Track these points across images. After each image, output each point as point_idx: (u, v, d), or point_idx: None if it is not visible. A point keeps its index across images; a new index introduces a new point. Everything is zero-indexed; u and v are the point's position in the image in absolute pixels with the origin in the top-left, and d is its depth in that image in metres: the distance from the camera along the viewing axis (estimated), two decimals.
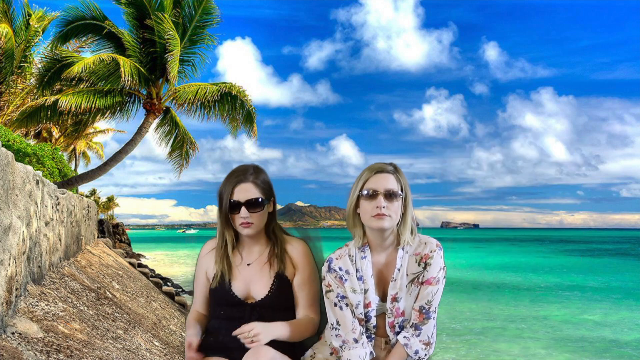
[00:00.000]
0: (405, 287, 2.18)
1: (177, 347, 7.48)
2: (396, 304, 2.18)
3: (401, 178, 2.17)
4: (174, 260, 51.50)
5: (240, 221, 2.33)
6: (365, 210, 2.13)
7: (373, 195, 2.12)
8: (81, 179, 15.47)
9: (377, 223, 2.11)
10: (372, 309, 2.20)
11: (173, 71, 13.96)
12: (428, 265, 2.16)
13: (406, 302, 2.17)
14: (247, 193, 2.33)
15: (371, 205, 2.11)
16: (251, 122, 15.53)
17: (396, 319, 2.19)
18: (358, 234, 2.22)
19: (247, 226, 2.33)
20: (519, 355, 15.57)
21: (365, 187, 2.15)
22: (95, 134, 33.96)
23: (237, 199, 2.33)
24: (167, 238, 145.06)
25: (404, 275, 2.18)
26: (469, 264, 51.41)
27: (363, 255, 2.21)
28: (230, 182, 2.36)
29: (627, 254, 70.77)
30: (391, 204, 2.11)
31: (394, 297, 2.18)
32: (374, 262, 2.21)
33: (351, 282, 2.20)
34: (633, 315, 22.13)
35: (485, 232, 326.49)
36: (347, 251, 2.25)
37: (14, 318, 3.91)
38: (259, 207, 2.34)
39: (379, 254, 2.21)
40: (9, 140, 12.28)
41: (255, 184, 2.36)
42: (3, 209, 3.57)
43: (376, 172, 2.16)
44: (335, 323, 2.20)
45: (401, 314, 2.18)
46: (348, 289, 2.19)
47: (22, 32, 16.40)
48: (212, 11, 14.92)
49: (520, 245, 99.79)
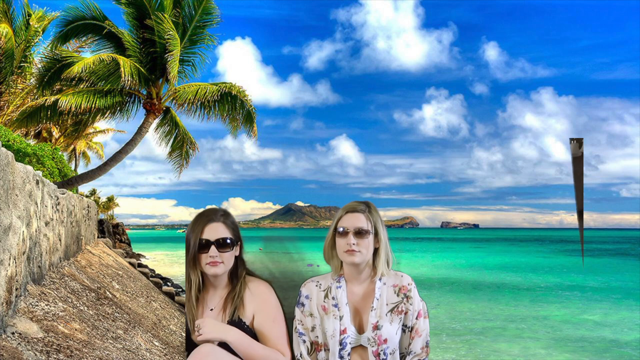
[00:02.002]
0: (386, 316, 2.31)
1: (177, 347, 7.48)
2: (378, 332, 2.29)
3: (371, 217, 2.35)
4: (174, 260, 51.49)
5: (208, 260, 2.31)
6: (339, 246, 2.33)
7: (345, 233, 2.31)
8: (81, 179, 15.47)
9: (349, 258, 2.30)
10: (348, 336, 2.30)
11: (173, 71, 13.96)
12: (408, 297, 2.34)
13: (387, 330, 2.30)
14: (217, 232, 2.33)
15: (343, 242, 2.31)
16: (251, 122, 15.54)
17: (380, 347, 2.28)
18: (335, 266, 2.40)
19: (215, 265, 2.31)
20: (519, 355, 15.57)
21: (339, 224, 2.34)
22: (95, 134, 33.96)
23: (206, 238, 2.31)
24: (167, 238, 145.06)
25: (384, 305, 2.33)
26: (469, 264, 51.46)
27: (338, 285, 2.37)
28: (200, 221, 2.35)
29: (627, 254, 70.80)
30: (362, 240, 2.30)
31: (375, 325, 2.30)
32: (350, 293, 2.36)
33: (309, 307, 2.37)
34: (633, 315, 22.14)
35: (485, 232, 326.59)
36: (317, 279, 2.43)
37: (14, 318, 3.91)
38: (228, 247, 2.33)
39: (355, 286, 2.38)
40: (9, 140, 12.28)
41: (226, 224, 2.36)
42: (3, 209, 3.57)
43: (347, 211, 2.35)
44: (299, 355, 2.36)
45: (384, 341, 2.29)
46: (306, 313, 2.37)
47: (22, 32, 16.40)
48: (212, 11, 14.94)
49: (520, 245, 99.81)
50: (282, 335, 2.34)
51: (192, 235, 2.33)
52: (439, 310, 22.64)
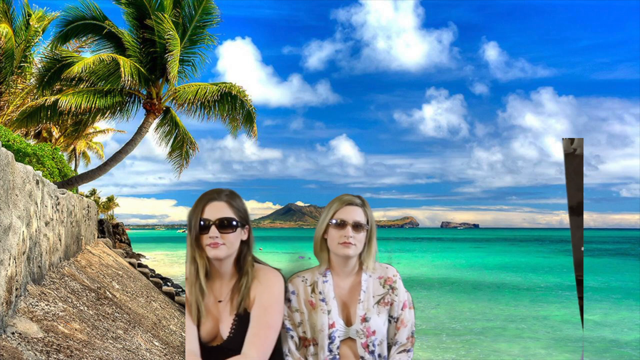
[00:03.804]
0: (373, 307, 2.34)
1: (177, 347, 7.48)
2: (366, 324, 2.31)
3: (367, 211, 2.37)
4: (174, 260, 51.51)
5: (208, 241, 2.11)
6: (333, 238, 2.32)
7: (342, 225, 2.31)
8: (81, 179, 15.47)
9: (344, 251, 2.30)
10: (337, 329, 2.31)
11: (173, 71, 13.96)
12: (394, 288, 2.37)
13: (375, 321, 2.32)
14: (219, 212, 2.13)
15: (339, 234, 2.30)
16: (251, 122, 15.54)
17: (369, 339, 2.31)
18: (324, 259, 2.39)
19: (216, 246, 2.11)
20: (519, 355, 15.57)
21: (335, 216, 2.33)
22: (95, 134, 33.97)
23: (207, 217, 2.12)
24: (167, 238, 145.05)
25: (370, 297, 2.35)
26: (469, 264, 51.46)
27: (325, 279, 2.36)
28: (202, 201, 2.16)
29: (627, 254, 70.81)
30: (357, 234, 2.31)
31: (363, 317, 2.32)
32: (336, 287, 2.37)
33: (296, 303, 2.34)
34: (633, 315, 22.15)
35: (485, 232, 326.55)
36: (302, 274, 2.41)
37: (14, 318, 3.91)
38: (230, 228, 2.13)
39: (341, 279, 2.38)
40: (9, 140, 12.28)
41: (229, 204, 2.16)
42: (3, 209, 3.57)
43: (347, 204, 2.35)
44: (287, 351, 2.34)
45: (372, 333, 2.32)
46: (293, 309, 2.34)
47: (22, 32, 16.40)
48: (212, 11, 14.94)
49: (520, 245, 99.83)
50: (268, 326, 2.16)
51: (193, 216, 2.15)
52: (439, 310, 22.64)
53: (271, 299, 2.20)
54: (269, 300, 2.20)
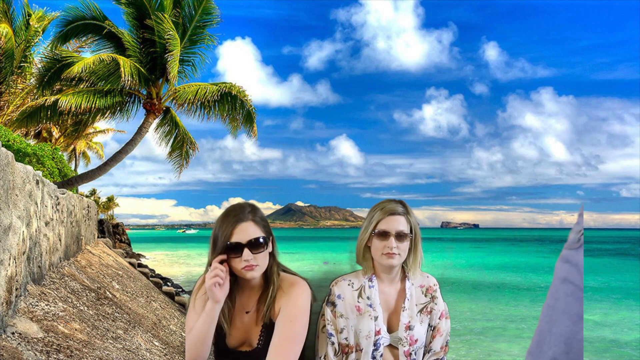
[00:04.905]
0: (416, 316, 2.35)
1: (177, 347, 7.48)
2: (410, 332, 2.31)
3: (411, 218, 2.35)
4: (174, 260, 51.53)
5: (244, 265, 2.12)
6: (377, 248, 2.31)
7: (385, 235, 2.29)
8: (81, 179, 15.47)
9: (387, 261, 2.29)
10: (382, 336, 2.30)
11: (173, 71, 13.96)
12: (434, 297, 2.39)
13: (418, 330, 2.32)
14: (248, 233, 2.13)
15: (382, 244, 2.29)
16: (251, 122, 15.54)
17: (411, 347, 2.31)
18: (368, 266, 2.38)
19: (251, 269, 2.12)
20: (519, 355, 15.56)
21: (377, 227, 2.31)
22: (95, 134, 33.97)
23: (237, 241, 2.11)
24: (167, 238, 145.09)
25: (414, 305, 2.36)
26: (469, 264, 51.44)
27: (371, 284, 2.35)
28: (229, 222, 2.14)
29: (627, 254, 70.76)
30: (401, 243, 2.29)
31: (408, 325, 2.32)
32: (381, 293, 2.35)
33: (342, 308, 2.32)
34: (633, 315, 22.14)
35: (485, 232, 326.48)
36: (348, 278, 2.38)
37: (14, 318, 3.91)
38: (261, 247, 2.14)
39: (386, 285, 2.37)
40: (9, 140, 12.28)
41: (255, 222, 2.16)
42: (3, 209, 3.57)
43: (389, 214, 2.32)
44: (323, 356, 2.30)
45: (415, 341, 2.32)
46: (337, 314, 2.31)
47: (22, 32, 16.40)
48: (212, 11, 14.94)
49: (520, 245, 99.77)
50: (292, 338, 2.12)
51: (221, 238, 2.13)
52: None
53: (295, 311, 2.18)
54: (294, 313, 2.17)
